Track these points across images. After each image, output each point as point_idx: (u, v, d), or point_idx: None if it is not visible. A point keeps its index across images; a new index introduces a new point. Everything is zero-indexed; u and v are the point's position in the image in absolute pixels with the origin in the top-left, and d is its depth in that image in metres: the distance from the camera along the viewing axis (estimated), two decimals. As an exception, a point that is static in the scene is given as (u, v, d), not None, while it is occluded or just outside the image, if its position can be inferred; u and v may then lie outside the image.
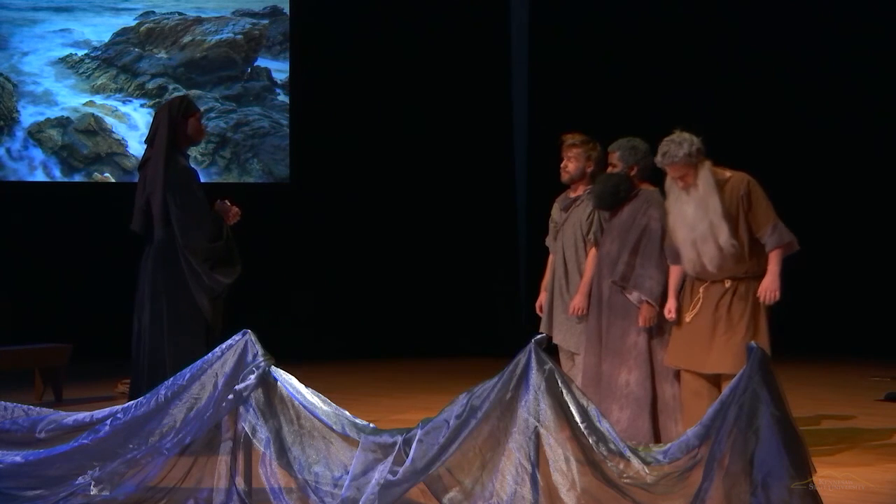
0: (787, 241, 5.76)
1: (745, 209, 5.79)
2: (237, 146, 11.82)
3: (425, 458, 4.42)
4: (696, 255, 5.80)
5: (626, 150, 6.29)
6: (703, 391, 5.81)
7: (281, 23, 11.95)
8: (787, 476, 3.92)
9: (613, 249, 6.26)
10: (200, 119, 6.67)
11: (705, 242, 5.74)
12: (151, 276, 6.39)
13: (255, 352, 4.82)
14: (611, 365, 6.19)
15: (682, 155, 5.74)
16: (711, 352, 5.77)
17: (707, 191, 5.76)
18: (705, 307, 5.83)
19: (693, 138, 5.79)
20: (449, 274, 11.85)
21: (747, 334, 5.66)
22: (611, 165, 6.35)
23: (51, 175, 11.44)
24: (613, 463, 4.21)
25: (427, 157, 11.89)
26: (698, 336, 5.82)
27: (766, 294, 5.71)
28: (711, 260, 5.75)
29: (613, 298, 6.22)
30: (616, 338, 6.19)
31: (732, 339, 5.71)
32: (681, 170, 5.79)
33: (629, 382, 6.13)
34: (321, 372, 8.86)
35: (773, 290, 5.71)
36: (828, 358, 10.65)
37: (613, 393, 6.15)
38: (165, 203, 6.35)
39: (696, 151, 5.77)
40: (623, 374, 6.15)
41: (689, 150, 5.74)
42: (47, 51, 11.46)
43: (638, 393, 6.10)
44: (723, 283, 5.81)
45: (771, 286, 5.71)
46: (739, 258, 5.79)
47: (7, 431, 4.97)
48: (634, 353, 6.13)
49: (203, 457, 4.85)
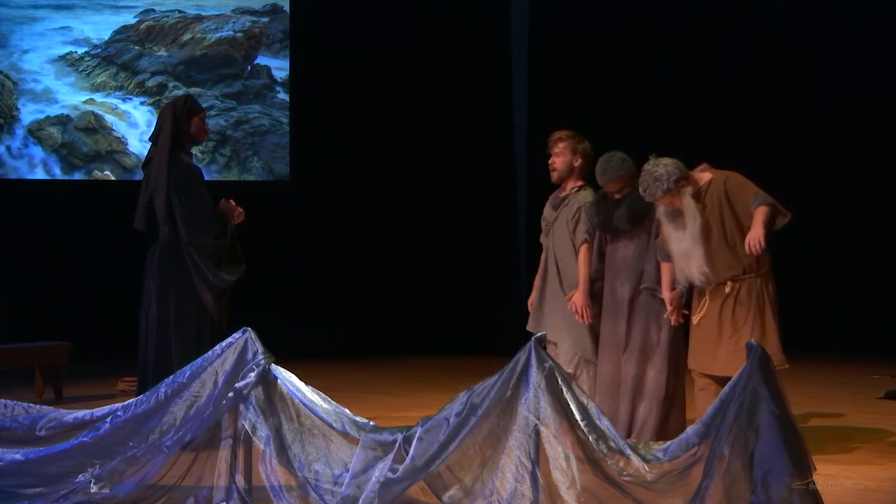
0: (771, 201, 5.72)
1: (728, 206, 5.82)
2: (237, 144, 11.82)
3: (425, 455, 4.42)
4: (686, 268, 5.88)
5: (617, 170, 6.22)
6: (711, 390, 5.83)
7: (281, 21, 11.95)
8: (787, 474, 3.92)
9: (629, 253, 6.26)
10: (204, 118, 6.70)
11: (689, 258, 5.84)
12: (157, 274, 6.41)
13: (255, 349, 4.82)
14: (636, 365, 6.18)
15: (661, 192, 5.85)
16: (718, 354, 5.83)
17: (688, 217, 5.84)
18: (711, 310, 5.89)
19: (668, 169, 5.83)
20: (449, 272, 11.86)
21: (753, 336, 5.66)
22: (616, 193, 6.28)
23: (51, 173, 11.44)
24: (613, 461, 4.21)
25: (427, 156, 11.89)
26: (706, 338, 5.90)
27: (751, 244, 5.62)
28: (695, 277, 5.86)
29: (634, 301, 6.23)
30: (637, 338, 6.19)
31: (739, 342, 5.69)
32: (664, 199, 5.90)
33: (656, 379, 6.14)
34: (321, 370, 8.86)
35: (757, 238, 5.59)
36: (828, 356, 10.65)
37: (641, 390, 6.16)
38: (169, 201, 6.36)
39: (675, 182, 5.84)
40: (650, 371, 6.17)
41: (667, 187, 5.83)
42: (47, 48, 11.46)
43: (665, 390, 6.12)
44: (724, 287, 5.84)
45: (754, 235, 5.61)
46: (731, 261, 5.81)
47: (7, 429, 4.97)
48: (659, 351, 6.16)
49: (203, 454, 4.86)
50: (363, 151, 11.89)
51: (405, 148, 11.89)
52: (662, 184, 5.81)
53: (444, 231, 11.89)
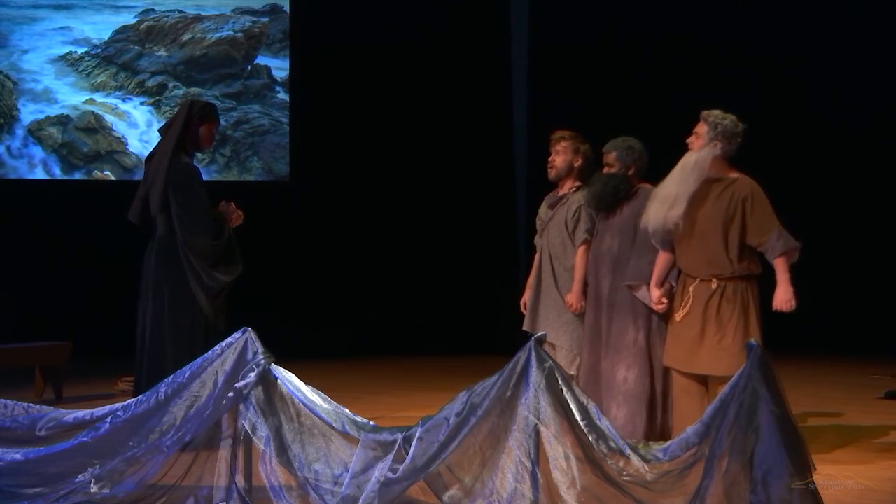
0: (794, 246, 5.69)
1: (743, 212, 5.72)
2: (237, 144, 11.83)
3: (425, 455, 4.42)
4: (656, 213, 5.79)
5: (623, 150, 6.29)
6: (692, 389, 5.79)
7: (281, 20, 11.95)
8: (787, 474, 3.92)
9: (615, 246, 6.24)
10: (215, 129, 6.72)
11: (664, 205, 5.75)
12: (154, 272, 6.43)
13: (255, 349, 4.82)
14: (610, 362, 6.19)
15: (711, 120, 5.79)
16: (701, 353, 5.71)
17: (695, 166, 5.75)
18: (695, 307, 5.76)
19: (733, 125, 5.79)
20: (449, 271, 11.86)
21: (737, 336, 5.62)
22: (607, 165, 6.33)
23: (51, 173, 11.44)
24: (613, 461, 4.21)
25: (427, 156, 11.90)
26: (688, 336, 5.77)
27: (783, 305, 5.65)
28: (658, 224, 5.76)
29: (613, 296, 6.21)
30: (616, 335, 6.18)
31: (722, 341, 5.66)
32: (700, 128, 5.80)
33: (627, 379, 6.12)
34: (321, 369, 8.86)
35: (789, 300, 5.65)
36: (828, 355, 10.66)
37: (612, 390, 6.15)
38: (165, 197, 6.38)
39: (721, 133, 5.77)
40: (622, 371, 6.14)
41: (718, 121, 5.77)
42: (47, 48, 11.46)
43: (636, 390, 6.09)
44: (710, 283, 5.74)
45: (785, 296, 5.65)
46: (717, 258, 5.73)
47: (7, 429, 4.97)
48: (634, 350, 6.13)
49: (203, 454, 4.86)
50: (363, 151, 11.89)
51: (405, 148, 11.89)
52: (722, 121, 5.76)
53: (445, 231, 11.89)
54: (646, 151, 6.23)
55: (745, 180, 5.83)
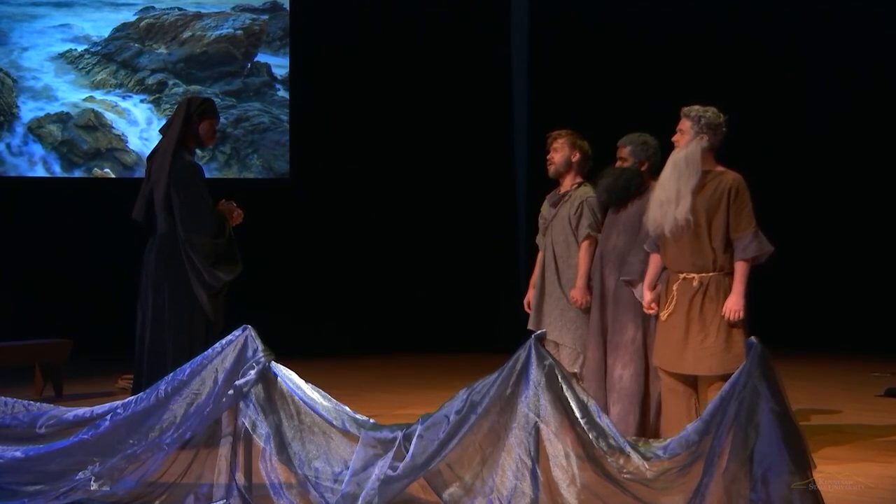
0: (767, 251, 5.62)
1: (728, 203, 5.64)
2: (237, 142, 11.82)
3: (425, 453, 4.42)
4: (661, 217, 5.68)
5: (637, 146, 6.30)
6: (678, 389, 5.75)
7: (281, 18, 11.94)
8: (787, 471, 3.93)
9: (620, 243, 6.25)
10: (215, 125, 6.72)
11: (670, 205, 5.65)
12: (154, 269, 6.44)
13: (255, 347, 4.82)
14: (610, 359, 6.20)
15: (694, 115, 5.71)
16: (686, 353, 5.66)
17: (687, 160, 5.67)
18: (679, 305, 5.69)
19: (715, 116, 5.74)
20: (449, 269, 11.85)
21: (719, 336, 5.57)
22: (620, 160, 6.33)
23: (51, 171, 11.43)
24: (613, 458, 4.21)
25: (427, 154, 11.89)
26: (673, 336, 5.71)
27: (732, 314, 5.55)
28: (670, 226, 5.65)
29: (618, 293, 6.22)
30: (617, 332, 6.20)
31: (705, 341, 5.61)
32: (684, 125, 5.74)
33: (623, 377, 6.14)
34: (321, 367, 8.87)
35: (738, 311, 5.55)
36: (828, 353, 10.65)
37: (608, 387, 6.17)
38: (169, 196, 6.40)
39: (705, 126, 5.71)
40: (618, 368, 6.16)
41: (700, 114, 5.71)
42: (47, 46, 11.45)
43: (631, 388, 6.11)
44: (692, 281, 5.66)
45: (735, 306, 5.55)
46: (702, 250, 5.66)
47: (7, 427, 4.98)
48: (632, 349, 6.14)
49: (203, 452, 4.86)
50: (363, 149, 11.89)
51: (405, 146, 11.89)
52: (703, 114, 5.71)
53: (445, 229, 11.88)
54: (660, 149, 6.22)
55: (731, 174, 5.77)
